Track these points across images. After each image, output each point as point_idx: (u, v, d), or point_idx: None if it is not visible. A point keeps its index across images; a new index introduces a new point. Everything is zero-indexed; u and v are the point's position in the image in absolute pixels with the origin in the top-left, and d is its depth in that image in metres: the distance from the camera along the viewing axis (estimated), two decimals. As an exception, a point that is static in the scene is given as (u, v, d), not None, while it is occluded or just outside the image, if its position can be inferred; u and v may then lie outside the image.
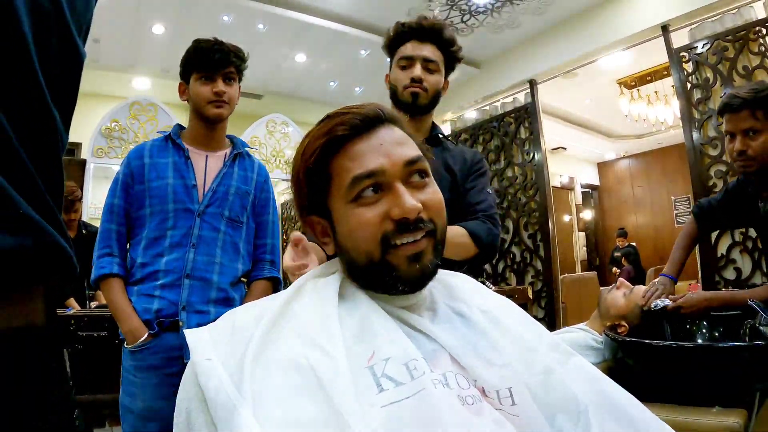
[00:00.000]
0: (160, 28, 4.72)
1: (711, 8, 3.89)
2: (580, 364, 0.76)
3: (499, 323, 0.77)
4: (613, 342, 1.64)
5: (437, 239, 0.76)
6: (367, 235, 0.73)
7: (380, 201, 0.74)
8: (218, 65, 1.74)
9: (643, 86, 6.52)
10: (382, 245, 0.73)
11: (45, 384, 0.54)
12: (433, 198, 0.76)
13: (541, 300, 5.03)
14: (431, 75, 1.58)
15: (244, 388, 0.59)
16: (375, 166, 0.73)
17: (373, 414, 0.59)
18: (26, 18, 0.50)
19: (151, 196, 1.71)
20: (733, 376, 1.38)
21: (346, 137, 0.75)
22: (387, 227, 0.73)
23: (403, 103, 1.57)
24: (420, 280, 0.75)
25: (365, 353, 0.66)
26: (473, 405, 0.65)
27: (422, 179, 0.77)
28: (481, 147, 5.71)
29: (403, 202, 0.72)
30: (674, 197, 9.29)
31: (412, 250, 0.73)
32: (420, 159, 0.76)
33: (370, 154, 0.74)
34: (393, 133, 0.77)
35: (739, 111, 1.69)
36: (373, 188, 0.74)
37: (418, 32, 1.59)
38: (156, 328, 1.64)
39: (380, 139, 0.75)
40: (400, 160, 0.74)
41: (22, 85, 0.51)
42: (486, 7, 4.74)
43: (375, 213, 0.73)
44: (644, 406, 0.71)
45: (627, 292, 1.91)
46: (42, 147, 0.54)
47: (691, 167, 3.80)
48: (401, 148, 0.76)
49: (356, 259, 0.76)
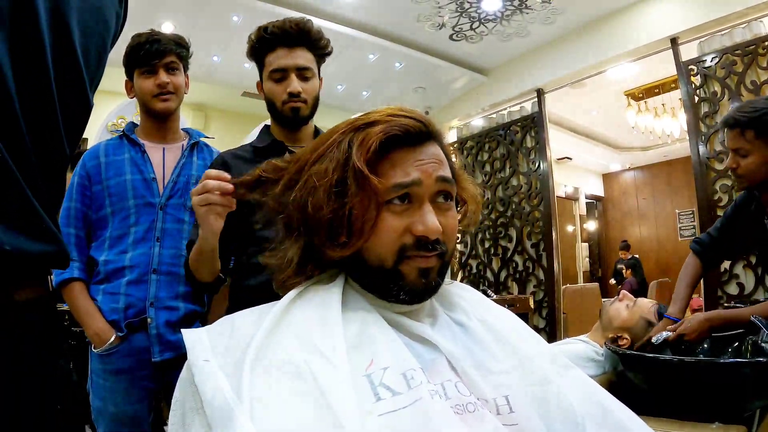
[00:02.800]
0: (170, 27, 4.73)
1: (720, 22, 3.88)
2: (579, 377, 0.75)
3: (498, 333, 0.77)
4: (614, 354, 1.63)
5: (445, 261, 0.77)
6: (387, 241, 0.73)
7: (406, 212, 0.74)
8: (157, 56, 1.69)
9: (651, 98, 6.50)
10: (398, 255, 0.73)
11: (57, 333, 0.74)
12: (451, 223, 0.77)
13: (542, 310, 5.02)
14: (308, 83, 1.51)
15: (243, 392, 0.58)
16: (415, 177, 0.74)
17: (370, 423, 0.59)
18: (53, 72, 0.65)
19: (111, 195, 1.67)
20: (733, 393, 1.38)
21: (397, 141, 0.75)
22: (406, 240, 0.73)
23: (284, 118, 1.52)
24: (423, 293, 0.75)
25: (363, 361, 0.66)
26: (475, 412, 0.65)
27: (447, 202, 0.78)
28: (486, 155, 5.71)
29: (428, 221, 0.72)
30: (678, 210, 9.26)
31: (424, 264, 0.73)
32: (451, 181, 0.78)
33: (413, 165, 0.75)
34: (435, 150, 0.78)
35: (732, 129, 1.75)
36: (402, 198, 0.74)
37: (285, 38, 1.49)
38: (125, 330, 1.60)
39: (425, 154, 0.76)
40: (435, 177, 0.75)
41: (47, 128, 0.67)
42: (495, 15, 4.74)
43: (399, 223, 0.73)
44: (643, 420, 0.71)
45: (630, 304, 1.90)
46: (55, 172, 0.70)
47: (697, 181, 3.79)
48: (439, 167, 0.76)
49: (368, 259, 0.75)
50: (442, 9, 4.63)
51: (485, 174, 5.69)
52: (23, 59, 0.62)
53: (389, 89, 6.06)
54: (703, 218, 3.79)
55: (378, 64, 5.49)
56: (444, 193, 0.77)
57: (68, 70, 0.69)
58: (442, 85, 6.03)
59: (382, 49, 5.17)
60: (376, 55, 5.34)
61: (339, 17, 4.73)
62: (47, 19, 0.64)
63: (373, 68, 5.60)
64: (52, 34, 0.65)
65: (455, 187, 0.79)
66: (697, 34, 4.05)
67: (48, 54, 0.65)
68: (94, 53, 0.75)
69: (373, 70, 5.63)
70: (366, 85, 6.11)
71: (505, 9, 4.63)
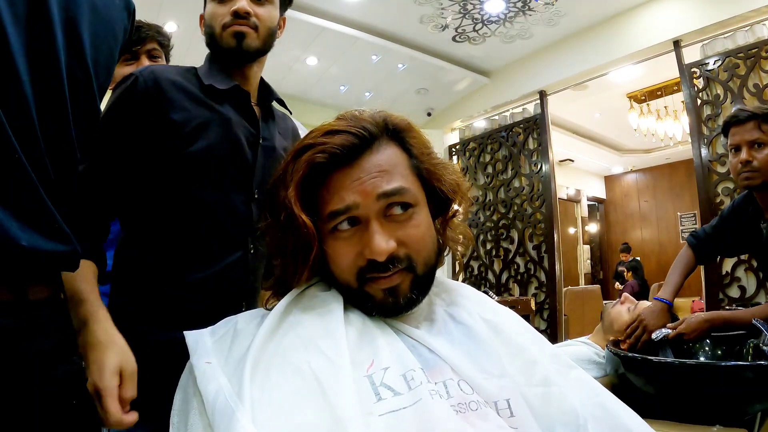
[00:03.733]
0: (173, 26, 4.73)
1: (723, 25, 3.87)
2: (581, 377, 0.75)
3: (500, 333, 0.77)
4: (615, 357, 1.63)
5: (418, 274, 0.75)
6: (344, 267, 0.74)
7: (355, 235, 0.73)
8: (138, 43, 1.65)
9: (653, 101, 6.49)
10: (358, 277, 0.73)
11: (69, 330, 0.76)
12: (412, 234, 0.74)
13: (543, 312, 5.01)
14: (261, 7, 1.18)
15: (244, 393, 0.59)
16: (350, 201, 0.71)
17: (371, 423, 0.59)
18: (66, 80, 0.67)
19: None
20: (734, 395, 1.37)
21: (327, 166, 0.73)
22: (360, 263, 0.72)
23: (224, 49, 1.17)
24: (394, 311, 0.74)
25: (364, 361, 0.66)
26: (477, 410, 0.65)
27: (404, 211, 0.74)
28: (488, 156, 5.71)
29: (373, 244, 0.70)
30: (680, 213, 9.24)
31: (386, 285, 0.73)
32: (399, 192, 0.73)
33: (347, 188, 0.72)
34: (379, 158, 0.74)
35: (746, 123, 1.73)
36: (350, 221, 0.72)
37: None
38: None
39: (363, 170, 0.73)
40: (374, 194, 0.72)
41: (60, 133, 0.69)
42: (498, 17, 4.73)
43: (349, 249, 0.73)
44: (644, 421, 0.71)
45: (631, 306, 1.90)
46: (67, 175, 0.73)
47: (699, 183, 3.79)
48: (380, 179, 0.72)
49: (337, 279, 0.76)
50: (445, 10, 4.63)
51: (487, 176, 5.68)
52: (39, 66, 0.63)
53: (392, 90, 6.06)
54: (704, 221, 3.78)
55: (381, 65, 5.48)
56: (395, 204, 0.73)
57: (79, 80, 0.71)
58: (445, 86, 6.03)
59: (384, 51, 5.16)
60: (378, 57, 5.34)
61: (342, 18, 4.73)
62: (62, 28, 0.66)
63: (376, 69, 5.60)
64: (66, 43, 0.67)
65: (410, 192, 0.75)
66: (700, 36, 4.05)
67: (62, 63, 0.66)
68: (103, 63, 0.77)
69: (376, 71, 5.63)
70: (369, 87, 6.11)
71: (508, 11, 4.63)
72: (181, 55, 1.90)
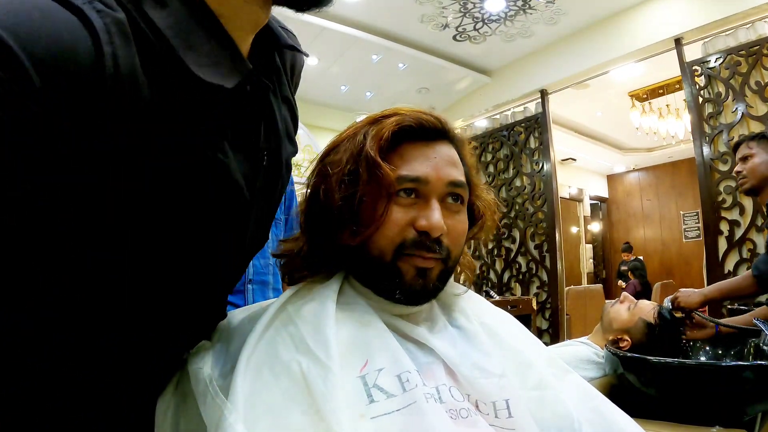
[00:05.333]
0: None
1: (724, 22, 3.87)
2: (577, 382, 0.75)
3: (497, 336, 0.77)
4: (614, 357, 1.62)
5: (448, 266, 0.76)
6: (388, 233, 0.72)
7: (413, 206, 0.73)
8: None
9: (655, 99, 6.48)
10: (397, 250, 0.72)
11: None
12: (459, 227, 0.77)
13: (545, 311, 5.01)
14: None
15: (236, 394, 0.58)
16: (421, 173, 0.73)
17: (361, 425, 0.58)
18: None
19: None
20: (734, 396, 1.37)
21: (409, 133, 0.75)
22: (408, 234, 0.72)
23: None
24: (419, 295, 0.74)
25: (358, 362, 0.66)
26: (468, 418, 0.64)
27: (457, 204, 0.77)
28: (490, 156, 5.71)
29: (432, 217, 0.71)
30: (683, 212, 9.23)
31: (422, 264, 0.72)
32: (463, 185, 0.77)
33: (422, 161, 0.74)
34: (449, 151, 0.77)
35: (741, 143, 2.16)
36: (411, 192, 0.73)
37: None
38: None
39: (436, 152, 0.76)
40: (445, 178, 0.74)
41: None
42: (499, 16, 4.73)
43: (403, 216, 0.72)
44: (643, 423, 0.70)
45: (631, 306, 1.89)
46: None
47: (701, 182, 3.78)
48: (451, 168, 0.76)
49: (369, 251, 0.74)
50: (445, 9, 4.63)
51: (489, 175, 5.68)
52: None
53: (393, 90, 6.06)
54: (707, 220, 3.78)
55: (381, 64, 5.49)
56: (454, 195, 0.76)
57: None
58: (446, 85, 6.03)
59: (385, 50, 5.17)
60: (379, 56, 5.34)
61: (342, 18, 4.73)
62: None
63: (377, 69, 5.60)
64: None
65: (467, 192, 0.79)
66: (702, 34, 4.04)
67: None
68: None
69: (377, 70, 5.63)
70: (369, 86, 6.11)
71: (508, 9, 4.63)
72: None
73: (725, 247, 3.63)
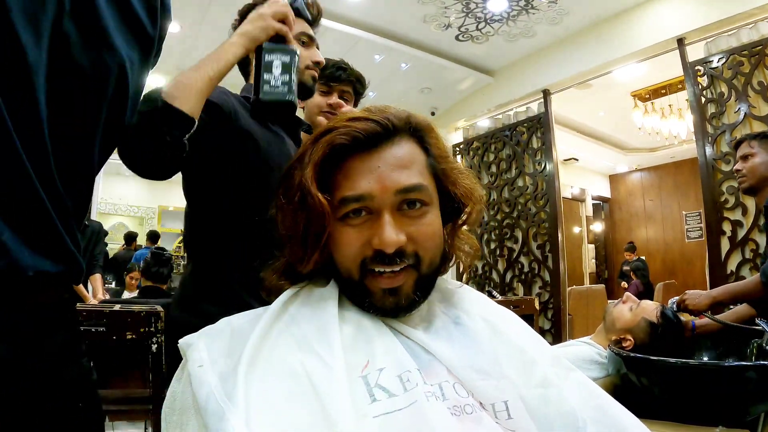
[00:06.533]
0: (176, 26, 4.75)
1: (727, 22, 3.86)
2: (580, 380, 0.75)
3: (499, 333, 0.76)
4: (617, 357, 1.62)
5: (422, 273, 0.74)
6: (348, 255, 0.73)
7: (366, 223, 0.72)
8: None
9: (657, 99, 6.47)
10: (361, 268, 0.72)
11: (77, 332, 0.79)
12: (423, 231, 0.73)
13: (547, 311, 5.01)
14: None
15: (237, 394, 0.58)
16: (364, 190, 0.71)
17: (365, 425, 0.59)
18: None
19: None
20: (738, 396, 1.37)
21: (347, 149, 0.72)
22: (367, 252, 0.71)
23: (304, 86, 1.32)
24: (393, 311, 0.73)
25: (360, 362, 0.66)
26: (472, 414, 0.64)
27: (418, 208, 0.73)
28: (492, 156, 5.71)
29: (384, 234, 0.69)
30: (685, 212, 9.21)
31: (388, 285, 0.72)
32: (417, 188, 0.73)
33: (366, 175, 0.71)
34: (399, 151, 0.74)
35: (742, 142, 2.17)
36: (362, 211, 0.72)
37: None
38: None
39: (381, 159, 0.72)
40: (393, 187, 0.71)
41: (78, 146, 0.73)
42: (502, 16, 4.73)
43: (357, 236, 0.72)
44: (646, 423, 0.70)
45: (633, 306, 1.89)
46: (83, 195, 0.77)
47: (703, 182, 3.78)
48: (399, 173, 0.72)
49: (341, 272, 0.75)
50: (448, 9, 4.63)
51: (491, 175, 5.68)
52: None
53: (395, 90, 6.06)
54: (709, 220, 3.78)
55: (384, 64, 5.49)
56: (409, 202, 0.73)
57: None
58: (448, 85, 6.03)
59: (388, 50, 5.17)
60: (382, 56, 5.34)
61: (345, 18, 4.73)
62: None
63: (380, 69, 5.60)
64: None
65: (428, 191, 0.75)
66: (704, 34, 4.04)
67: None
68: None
69: (380, 70, 5.63)
70: (372, 86, 6.07)
71: (511, 9, 4.62)
72: (182, 55, 1.90)
73: (728, 248, 3.63)
